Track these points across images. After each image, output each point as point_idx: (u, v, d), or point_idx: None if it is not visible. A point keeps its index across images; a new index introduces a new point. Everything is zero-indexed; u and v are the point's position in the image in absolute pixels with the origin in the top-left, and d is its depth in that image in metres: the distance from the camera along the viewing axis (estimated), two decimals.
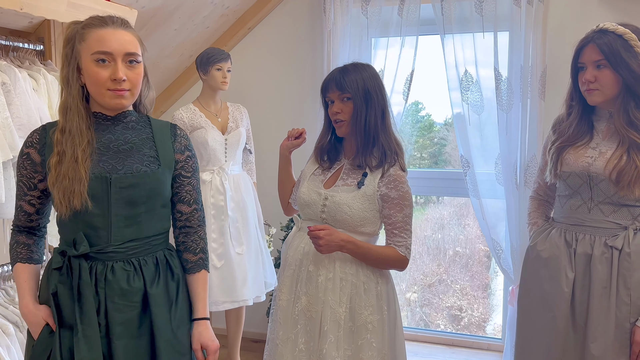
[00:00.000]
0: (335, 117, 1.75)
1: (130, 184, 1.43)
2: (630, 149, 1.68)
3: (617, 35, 1.68)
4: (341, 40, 3.09)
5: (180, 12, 2.88)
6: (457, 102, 2.98)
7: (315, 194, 1.81)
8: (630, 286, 1.70)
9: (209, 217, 2.75)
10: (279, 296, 1.85)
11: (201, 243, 1.60)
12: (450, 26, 2.91)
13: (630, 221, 1.73)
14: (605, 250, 1.73)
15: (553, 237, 1.84)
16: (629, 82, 1.68)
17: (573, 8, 2.85)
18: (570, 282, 1.77)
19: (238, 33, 3.34)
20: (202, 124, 2.81)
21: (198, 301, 1.55)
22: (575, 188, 1.80)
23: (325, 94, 1.78)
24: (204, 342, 1.52)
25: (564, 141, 1.82)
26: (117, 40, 1.40)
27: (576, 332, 1.78)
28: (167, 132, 1.54)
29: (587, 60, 1.73)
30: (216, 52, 2.80)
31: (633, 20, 2.72)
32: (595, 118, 1.81)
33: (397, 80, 3.05)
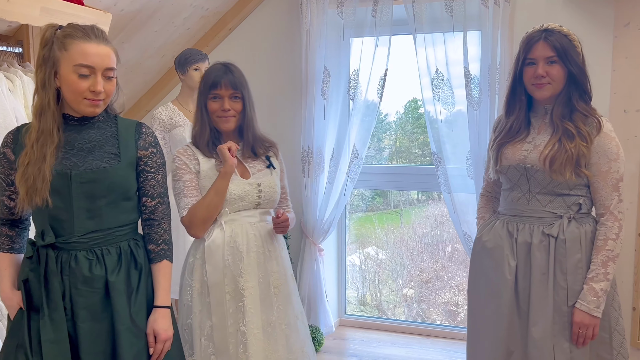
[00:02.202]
0: (225, 114, 1.88)
1: (90, 179, 1.54)
2: (562, 137, 1.79)
3: (562, 34, 1.81)
4: (318, 41, 3.18)
5: (160, 14, 2.98)
6: (428, 100, 3.07)
7: (246, 185, 1.91)
8: (566, 271, 1.80)
9: None
10: (245, 285, 1.89)
11: (164, 235, 1.69)
12: (422, 26, 3.00)
13: (565, 210, 1.84)
14: (543, 238, 1.83)
15: (497, 228, 1.94)
16: (577, 75, 1.80)
17: (539, 8, 2.94)
18: (513, 270, 1.87)
19: (219, 34, 3.44)
20: (181, 122, 2.91)
21: (158, 289, 1.65)
22: (514, 181, 1.91)
23: (212, 90, 1.88)
24: (156, 329, 1.61)
25: (504, 137, 1.92)
26: (100, 55, 1.51)
27: (521, 317, 1.87)
28: (132, 130, 1.65)
29: (538, 56, 1.81)
30: (194, 53, 2.90)
31: (596, 18, 2.83)
32: (533, 115, 1.92)
33: (372, 79, 3.14)
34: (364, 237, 4.39)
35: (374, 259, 4.41)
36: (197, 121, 1.93)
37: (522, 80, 1.87)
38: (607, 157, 1.78)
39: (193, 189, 1.88)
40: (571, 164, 1.77)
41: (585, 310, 1.77)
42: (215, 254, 1.87)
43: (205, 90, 1.89)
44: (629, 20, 2.73)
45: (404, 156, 3.93)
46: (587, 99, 1.84)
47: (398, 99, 3.74)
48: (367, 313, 4.16)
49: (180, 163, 1.89)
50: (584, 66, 1.84)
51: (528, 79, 1.84)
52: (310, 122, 3.24)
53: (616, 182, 1.79)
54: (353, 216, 4.17)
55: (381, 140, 3.91)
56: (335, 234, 3.61)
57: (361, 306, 4.27)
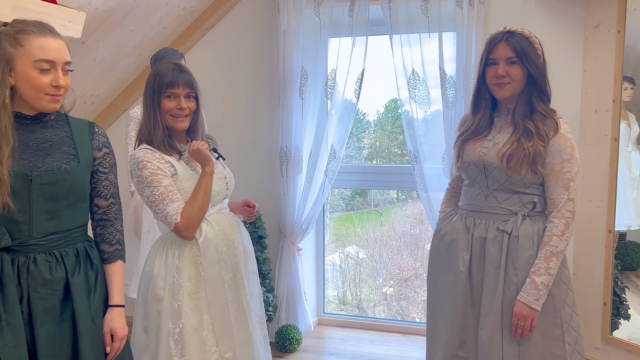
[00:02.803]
0: (182, 112, 1.88)
1: (51, 181, 1.53)
2: (522, 136, 1.86)
3: (524, 36, 1.88)
4: (295, 41, 3.19)
5: (135, 13, 2.96)
6: (405, 99, 3.10)
7: (218, 180, 1.98)
8: (518, 267, 1.87)
9: None
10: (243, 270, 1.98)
11: (117, 235, 1.70)
12: (398, 27, 3.03)
13: (520, 208, 1.91)
14: (498, 234, 1.90)
15: (455, 222, 2.02)
16: (536, 76, 1.87)
17: (512, 9, 2.99)
18: (467, 263, 1.95)
19: (195, 33, 3.42)
20: None
21: (113, 289, 1.67)
22: (474, 177, 1.98)
23: (168, 89, 1.86)
24: (113, 328, 1.64)
25: (467, 135, 2.00)
26: (59, 49, 1.50)
27: (474, 309, 1.96)
28: (85, 130, 1.64)
29: (499, 57, 1.88)
30: (169, 52, 2.88)
31: (568, 19, 2.88)
32: (496, 114, 1.99)
33: (349, 78, 3.16)
34: (344, 237, 4.41)
35: (354, 258, 4.43)
36: (149, 120, 1.88)
37: (485, 80, 1.94)
38: (561, 158, 1.85)
39: (176, 193, 1.84)
40: (527, 162, 1.83)
41: (524, 302, 1.83)
42: (209, 248, 1.90)
43: (160, 88, 1.85)
44: (599, 22, 2.79)
45: (383, 155, 3.95)
46: (546, 100, 1.91)
47: (378, 98, 3.77)
48: (347, 312, 4.18)
49: (154, 168, 1.83)
50: (544, 68, 1.91)
51: (490, 78, 1.92)
52: (288, 121, 3.25)
53: (567, 182, 1.85)
54: (333, 215, 4.19)
55: (361, 139, 3.93)
56: (313, 233, 3.63)
57: (341, 305, 4.29)
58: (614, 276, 2.80)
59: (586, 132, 2.88)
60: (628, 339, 2.75)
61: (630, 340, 2.74)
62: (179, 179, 1.88)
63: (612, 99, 2.74)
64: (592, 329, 2.88)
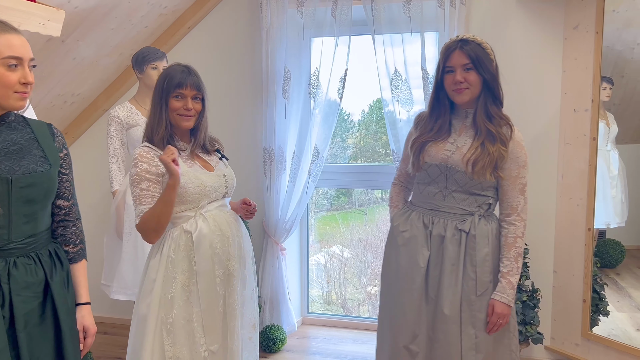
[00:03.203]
0: (188, 112, 1.97)
1: (29, 184, 1.52)
2: (485, 141, 1.95)
3: (477, 43, 1.97)
4: (278, 40, 3.18)
5: (116, 12, 2.93)
6: (388, 99, 3.12)
7: (215, 177, 2.04)
8: (476, 264, 1.97)
9: None
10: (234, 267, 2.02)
11: (80, 235, 1.73)
12: (380, 27, 3.04)
13: (476, 208, 2.02)
14: (456, 232, 2.01)
15: (413, 220, 2.10)
16: (489, 82, 1.96)
17: (493, 10, 3.02)
18: (426, 259, 2.04)
19: (177, 32, 3.40)
20: (139, 121, 2.87)
21: (81, 287, 1.70)
22: (433, 177, 2.06)
23: (177, 90, 1.94)
24: (85, 325, 1.68)
25: (428, 137, 2.07)
26: (24, 46, 1.49)
27: (428, 304, 2.04)
28: (47, 131, 1.63)
29: (455, 64, 1.97)
30: (151, 51, 2.86)
31: (548, 20, 2.92)
32: (454, 117, 2.08)
33: (332, 78, 3.17)
34: (328, 236, 4.41)
35: (339, 258, 4.43)
36: (154, 117, 1.96)
37: (443, 87, 2.03)
38: (517, 164, 1.97)
39: (148, 197, 1.88)
40: (491, 166, 1.93)
41: (505, 302, 1.95)
42: (203, 243, 1.95)
43: (168, 88, 1.94)
44: (578, 23, 2.83)
45: (368, 155, 3.96)
46: (499, 104, 2.01)
47: (362, 98, 3.78)
48: (332, 311, 4.19)
49: (141, 169, 1.89)
50: (496, 73, 2.00)
51: (448, 85, 2.00)
52: (272, 121, 3.24)
53: (523, 187, 1.99)
54: (318, 215, 4.19)
55: (345, 139, 3.94)
56: (297, 232, 3.63)
57: (326, 305, 4.29)
58: (594, 273, 2.84)
59: (566, 131, 2.92)
60: (607, 335, 2.79)
61: (609, 337, 2.78)
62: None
63: (591, 98, 2.78)
64: (572, 326, 2.92)
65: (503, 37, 3.01)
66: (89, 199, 3.67)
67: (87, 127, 3.65)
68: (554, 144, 2.98)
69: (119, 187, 2.91)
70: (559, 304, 3.00)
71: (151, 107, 1.99)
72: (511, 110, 3.01)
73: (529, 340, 2.85)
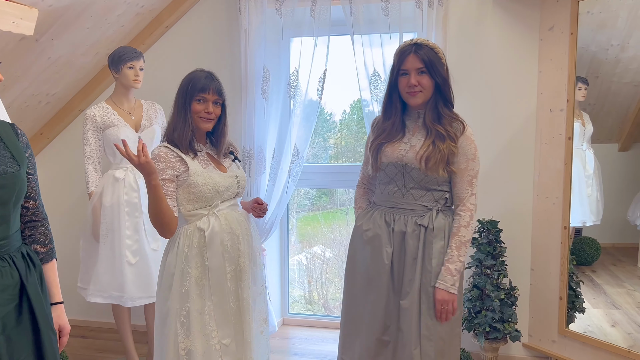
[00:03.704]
0: (209, 116, 2.10)
1: (2, 185, 1.49)
2: (436, 140, 2.04)
3: (430, 48, 2.05)
4: (257, 40, 3.17)
5: (91, 10, 2.89)
6: (367, 99, 3.12)
7: (228, 177, 2.14)
8: (432, 256, 2.06)
9: (123, 214, 2.78)
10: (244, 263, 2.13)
11: (49, 235, 1.72)
12: (359, 27, 3.04)
13: (434, 203, 2.11)
14: (416, 227, 2.10)
15: (375, 218, 2.18)
16: (441, 85, 2.05)
17: (470, 11, 3.04)
18: (389, 255, 2.13)
19: (155, 32, 3.36)
20: (115, 121, 2.83)
21: (54, 287, 1.71)
22: (391, 176, 2.14)
23: (200, 94, 2.07)
24: (61, 324, 1.69)
25: (383, 139, 2.15)
26: None
27: (395, 296, 2.14)
28: (10, 131, 1.61)
29: (410, 68, 2.04)
30: (127, 51, 2.83)
31: (524, 21, 2.96)
32: (407, 118, 2.16)
33: (312, 78, 3.16)
34: (310, 236, 4.41)
35: (321, 258, 4.43)
36: (178, 120, 2.06)
37: (397, 89, 2.10)
38: (466, 157, 2.06)
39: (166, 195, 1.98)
40: (443, 162, 2.03)
41: (443, 288, 2.03)
42: (215, 240, 2.06)
43: (192, 92, 2.06)
44: (553, 24, 2.87)
45: (349, 155, 3.97)
46: (450, 106, 2.10)
47: (344, 98, 3.79)
48: (313, 311, 4.19)
49: (159, 169, 1.99)
50: (447, 77, 2.09)
51: (402, 87, 2.08)
52: (251, 121, 3.23)
53: (471, 179, 2.08)
54: (299, 215, 4.18)
55: (327, 139, 3.94)
56: (277, 233, 3.61)
57: (308, 305, 4.29)
58: (570, 271, 2.89)
59: (542, 131, 2.96)
60: (583, 332, 2.83)
61: (585, 333, 2.82)
62: (191, 174, 2.03)
63: (566, 98, 2.82)
64: (548, 323, 2.96)
65: (480, 38, 3.04)
66: (65, 201, 3.61)
67: (63, 128, 3.60)
68: (530, 144, 3.02)
69: (95, 189, 2.87)
70: (536, 301, 3.04)
71: (174, 108, 2.10)
72: (488, 110, 3.06)
73: (507, 337, 2.88)
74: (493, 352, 2.92)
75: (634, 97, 2.99)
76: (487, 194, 3.06)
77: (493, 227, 2.90)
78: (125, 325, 2.98)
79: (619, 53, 2.93)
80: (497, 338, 2.85)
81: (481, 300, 2.87)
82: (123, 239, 2.77)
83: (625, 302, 2.95)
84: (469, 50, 3.05)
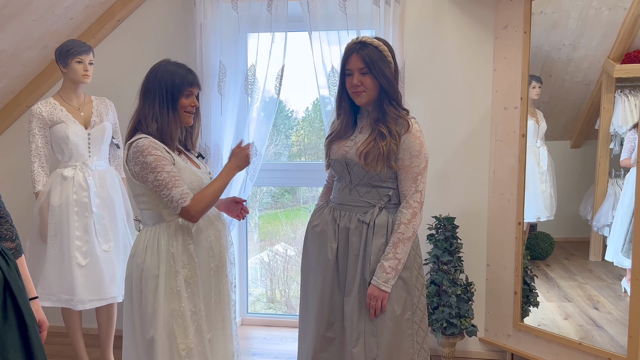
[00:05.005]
0: (193, 109, 2.07)
1: None
2: (377, 138, 2.04)
3: (374, 47, 2.02)
4: (213, 35, 3.10)
5: (37, 2, 2.76)
6: (327, 96, 3.10)
7: (205, 174, 2.13)
8: (372, 253, 2.07)
9: (72, 214, 2.68)
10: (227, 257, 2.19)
11: (15, 230, 1.71)
12: (317, 23, 3.01)
13: (377, 200, 2.11)
14: (359, 224, 2.10)
15: (325, 214, 2.21)
16: (384, 86, 2.03)
17: (427, 9, 3.06)
18: (334, 251, 2.14)
19: (106, 25, 3.25)
20: (63, 118, 2.72)
21: (28, 282, 1.69)
22: (339, 173, 2.17)
23: (189, 88, 2.03)
24: (40, 318, 1.69)
25: (335, 136, 2.18)
26: None
27: (340, 293, 2.15)
28: None
29: (353, 68, 2.04)
30: (76, 45, 2.72)
31: (479, 20, 2.99)
32: (359, 116, 2.18)
33: (269, 74, 3.12)
34: (271, 235, 4.37)
35: (283, 256, 4.40)
36: (164, 116, 1.98)
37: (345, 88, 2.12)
38: (410, 154, 2.04)
39: (178, 179, 1.93)
40: (382, 159, 2.02)
41: (375, 284, 2.02)
42: (200, 237, 2.06)
43: (181, 85, 1.99)
44: (507, 23, 2.91)
45: (312, 153, 3.94)
46: (396, 105, 2.08)
47: (307, 95, 3.75)
48: (276, 310, 4.15)
49: (158, 155, 1.91)
50: (395, 75, 2.08)
51: (348, 87, 2.09)
52: (207, 118, 3.15)
53: (415, 176, 2.05)
54: (261, 213, 4.13)
55: (289, 136, 3.91)
56: (236, 231, 3.56)
57: (270, 303, 4.24)
58: (524, 266, 2.94)
59: (497, 128, 3.00)
60: (537, 325, 2.89)
61: (540, 327, 2.88)
62: (177, 169, 1.97)
63: (520, 96, 2.86)
64: (504, 317, 3.01)
65: (437, 35, 3.05)
66: (10, 201, 3.44)
67: (9, 125, 3.44)
68: (486, 141, 3.06)
69: (42, 188, 2.76)
70: (491, 296, 3.08)
71: (157, 106, 1.98)
72: (444, 107, 3.08)
73: (463, 333, 2.91)
74: (450, 348, 2.95)
75: (585, 96, 3.07)
76: (443, 191, 3.09)
77: (450, 223, 2.93)
78: (75, 329, 2.88)
79: (570, 52, 3.00)
80: (454, 333, 2.88)
81: (438, 296, 2.89)
82: (72, 240, 2.67)
83: (577, 295, 3.03)
84: (425, 48, 3.06)
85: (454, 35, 3.05)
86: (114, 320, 2.92)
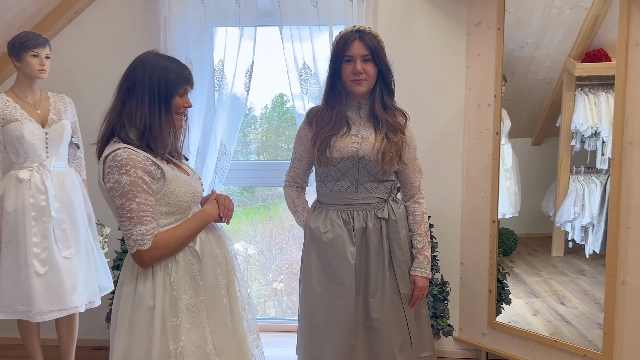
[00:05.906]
0: (185, 111, 1.77)
1: None
2: (388, 132, 2.02)
3: (373, 35, 2.00)
4: (178, 28, 2.97)
5: None
6: (297, 94, 3.01)
7: (197, 180, 1.82)
8: (401, 245, 2.07)
9: (29, 219, 2.50)
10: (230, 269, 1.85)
11: None
12: (288, 18, 2.92)
13: (386, 194, 2.10)
14: (376, 221, 2.06)
15: (332, 219, 2.08)
16: (385, 74, 2.02)
17: (400, 5, 3.02)
18: (354, 255, 2.05)
19: (63, 17, 3.06)
20: (17, 116, 2.54)
21: None
22: (344, 171, 2.07)
23: (184, 85, 1.73)
24: None
25: (329, 131, 2.04)
26: None
27: (357, 296, 2.07)
28: None
29: (356, 54, 1.97)
30: (31, 37, 2.54)
31: (452, 16, 2.97)
32: (347, 109, 2.09)
33: (238, 71, 3.00)
34: (231, 233, 4.27)
35: (243, 255, 4.32)
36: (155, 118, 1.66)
37: (340, 76, 2.02)
38: (413, 147, 2.11)
39: (148, 214, 1.60)
40: (397, 155, 2.03)
41: (425, 276, 2.09)
42: (205, 254, 1.73)
43: (177, 83, 1.69)
44: (480, 20, 2.89)
45: (270, 151, 3.87)
46: (392, 96, 2.08)
47: (265, 93, 3.66)
48: None
49: (136, 178, 1.58)
50: (390, 66, 2.05)
51: (347, 75, 2.00)
52: None
53: (419, 167, 2.16)
54: None
55: (247, 134, 3.81)
56: None
57: None
58: (497, 263, 2.94)
59: (470, 126, 2.99)
60: (508, 322, 2.90)
61: (510, 323, 2.89)
62: (167, 181, 1.66)
63: (494, 94, 2.86)
64: (478, 316, 3.01)
65: (409, 32, 3.02)
66: None
67: None
68: (459, 139, 3.05)
69: None
70: (466, 295, 3.08)
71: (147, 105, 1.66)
72: (417, 104, 3.04)
73: (439, 333, 2.89)
74: None
75: (546, 94, 3.10)
76: None
77: None
78: (33, 341, 2.71)
79: (533, 51, 3.02)
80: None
81: None
82: (29, 247, 2.49)
83: (543, 291, 3.06)
84: (398, 44, 3.02)
85: (426, 32, 3.02)
86: (75, 331, 2.75)
